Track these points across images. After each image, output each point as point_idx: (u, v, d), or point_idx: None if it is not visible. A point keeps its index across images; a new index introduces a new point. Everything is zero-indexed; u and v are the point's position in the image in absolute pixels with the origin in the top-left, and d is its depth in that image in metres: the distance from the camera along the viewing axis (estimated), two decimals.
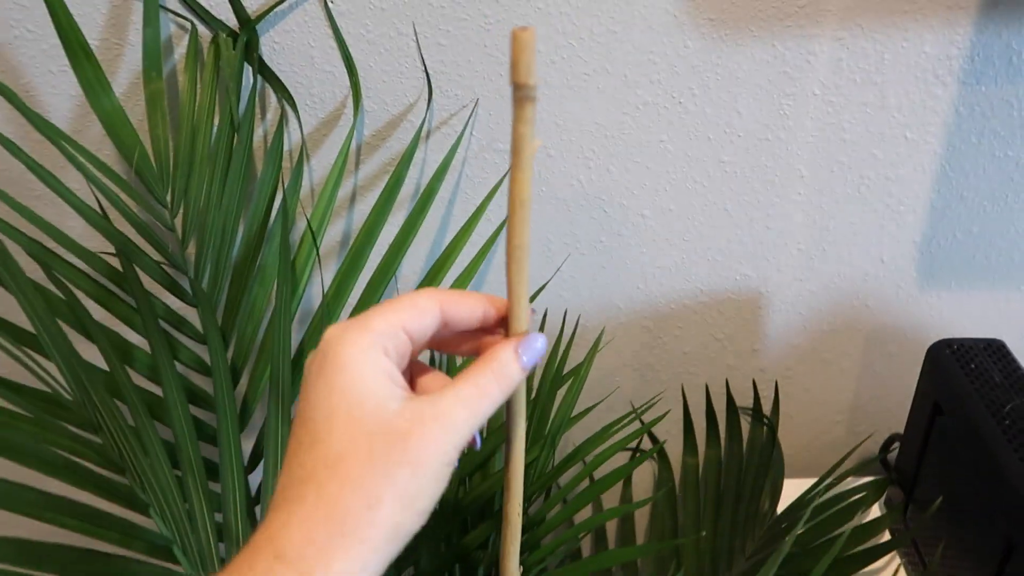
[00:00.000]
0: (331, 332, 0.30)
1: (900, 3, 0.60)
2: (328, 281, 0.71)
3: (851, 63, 0.63)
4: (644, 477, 0.86)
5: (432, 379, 0.33)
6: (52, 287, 0.57)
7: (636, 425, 0.77)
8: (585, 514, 0.84)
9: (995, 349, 0.61)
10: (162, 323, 0.60)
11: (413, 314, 0.31)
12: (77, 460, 0.51)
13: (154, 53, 0.61)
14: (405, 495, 0.27)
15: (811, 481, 0.72)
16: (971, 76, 0.63)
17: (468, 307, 0.32)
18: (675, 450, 0.84)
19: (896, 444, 0.74)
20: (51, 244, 0.58)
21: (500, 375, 0.31)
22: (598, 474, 0.75)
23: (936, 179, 0.67)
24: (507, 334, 0.34)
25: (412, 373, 0.33)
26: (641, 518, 0.85)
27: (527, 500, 0.62)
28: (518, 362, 0.31)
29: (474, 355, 0.34)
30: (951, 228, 0.70)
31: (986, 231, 0.70)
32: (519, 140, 0.31)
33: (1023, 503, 0.49)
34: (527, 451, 0.64)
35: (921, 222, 0.70)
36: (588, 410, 0.66)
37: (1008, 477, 0.51)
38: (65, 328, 0.54)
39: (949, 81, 0.63)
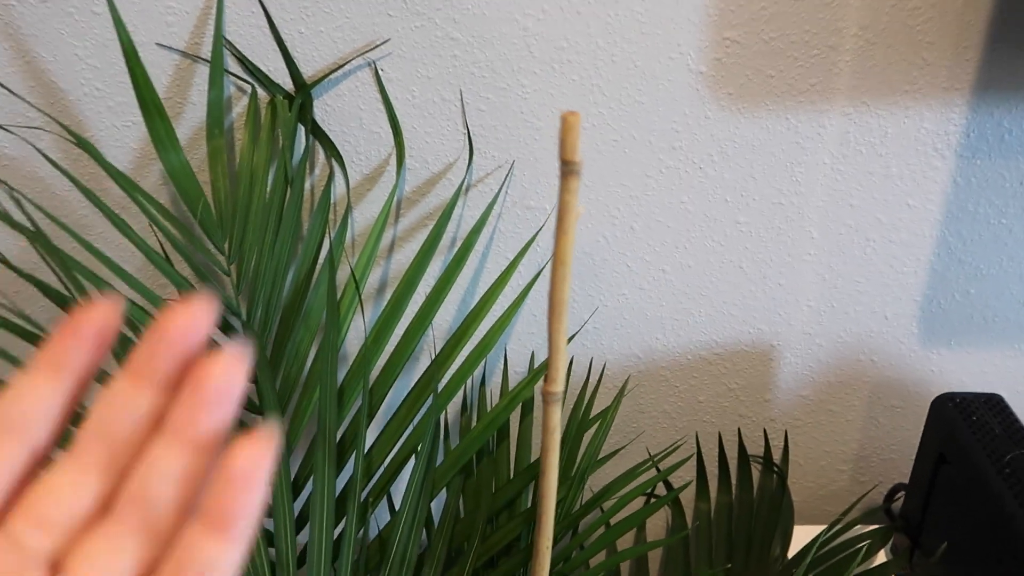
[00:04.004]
0: None
1: (901, 83, 0.66)
2: (368, 324, 0.75)
3: (857, 136, 0.68)
4: (658, 522, 0.89)
5: None
6: None
7: (653, 471, 0.81)
8: (601, 557, 0.87)
9: (994, 403, 0.65)
10: None
11: None
12: None
13: (217, 113, 0.66)
14: None
15: (820, 528, 0.75)
16: (967, 150, 0.69)
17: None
18: (688, 495, 0.87)
19: (900, 494, 0.78)
20: (114, 283, 0.61)
21: None
22: (615, 518, 0.78)
23: (936, 244, 0.73)
24: (547, 382, 0.39)
25: None
26: (654, 562, 0.88)
27: (555, 539, 0.65)
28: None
29: None
30: (950, 289, 0.75)
31: (983, 293, 0.75)
32: (564, 207, 0.36)
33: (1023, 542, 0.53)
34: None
35: (922, 283, 0.74)
36: (614, 453, 0.70)
37: (1012, 522, 0.55)
38: None
39: (947, 154, 0.69)
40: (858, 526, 0.75)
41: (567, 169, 0.35)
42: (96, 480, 0.20)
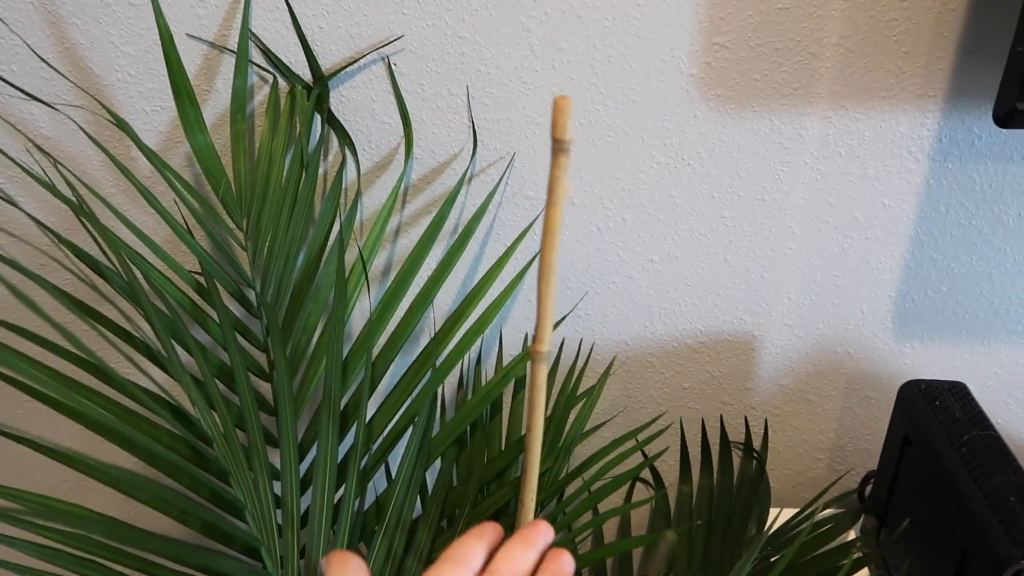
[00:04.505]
0: None
1: (879, 90, 0.71)
2: (374, 303, 0.80)
3: (837, 138, 0.73)
4: (643, 512, 0.93)
5: None
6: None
7: (637, 449, 0.85)
8: (586, 524, 0.91)
9: (958, 390, 0.69)
10: None
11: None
12: (184, 461, 0.58)
13: (241, 100, 0.71)
14: None
15: (795, 511, 0.79)
16: (939, 154, 0.73)
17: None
18: (672, 479, 0.91)
19: (873, 480, 0.82)
20: (144, 252, 0.66)
21: None
22: (596, 486, 0.82)
23: (910, 242, 0.77)
24: (534, 342, 0.43)
25: None
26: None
27: (541, 504, 0.70)
28: None
29: None
30: (923, 286, 0.79)
31: (954, 290, 0.79)
32: (554, 182, 0.41)
33: (974, 517, 0.57)
34: (543, 461, 0.72)
35: (897, 279, 0.79)
36: (598, 427, 0.74)
37: (963, 495, 0.59)
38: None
39: (921, 157, 0.73)
40: (829, 509, 0.79)
41: (557, 147, 0.40)
42: None
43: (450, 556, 0.32)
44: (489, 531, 0.34)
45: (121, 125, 0.64)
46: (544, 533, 0.35)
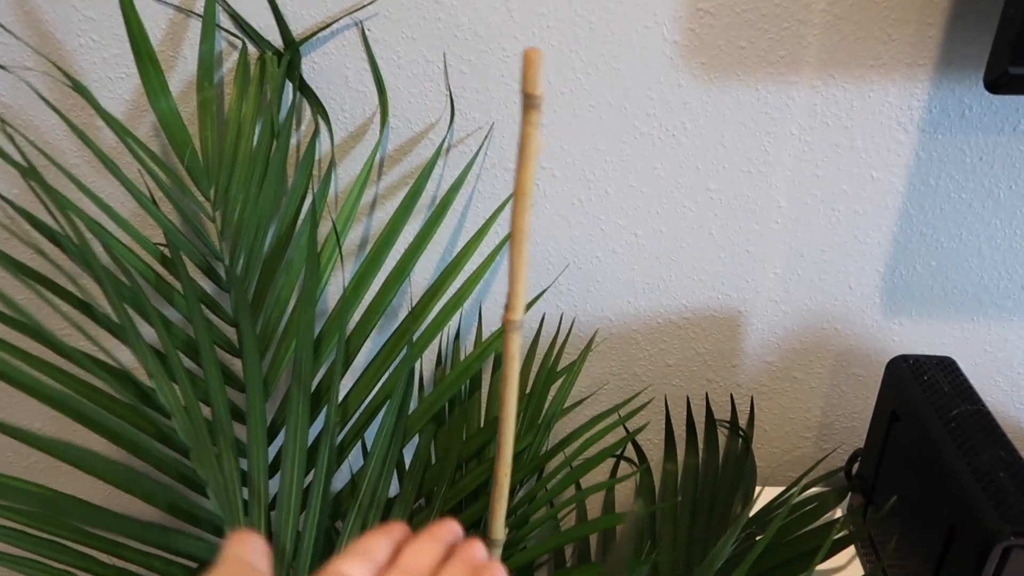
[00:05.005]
0: None
1: (867, 58, 0.69)
2: (348, 278, 0.78)
3: (824, 108, 0.71)
4: (628, 483, 0.92)
5: None
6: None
7: (622, 432, 0.83)
8: (569, 500, 0.89)
9: (946, 365, 0.68)
10: None
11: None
12: (147, 438, 0.56)
13: (208, 66, 0.69)
14: None
15: (781, 490, 0.78)
16: (929, 125, 0.71)
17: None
18: (657, 457, 0.90)
19: (860, 458, 0.80)
20: (108, 224, 0.64)
21: None
22: (578, 461, 0.81)
23: (899, 215, 0.75)
24: (506, 311, 0.41)
25: None
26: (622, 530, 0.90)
27: (520, 481, 0.68)
28: None
29: None
30: (912, 261, 0.77)
31: (943, 265, 0.77)
32: (526, 140, 0.38)
33: (963, 492, 0.56)
34: (522, 438, 0.70)
35: (885, 254, 0.77)
36: (578, 403, 0.73)
37: (951, 470, 0.57)
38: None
39: (910, 129, 0.71)
40: (815, 488, 0.78)
41: (528, 103, 0.38)
42: None
43: (355, 550, 0.33)
44: (396, 529, 0.35)
45: (79, 89, 0.61)
46: (451, 529, 0.36)
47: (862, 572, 0.73)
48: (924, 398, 0.64)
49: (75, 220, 0.59)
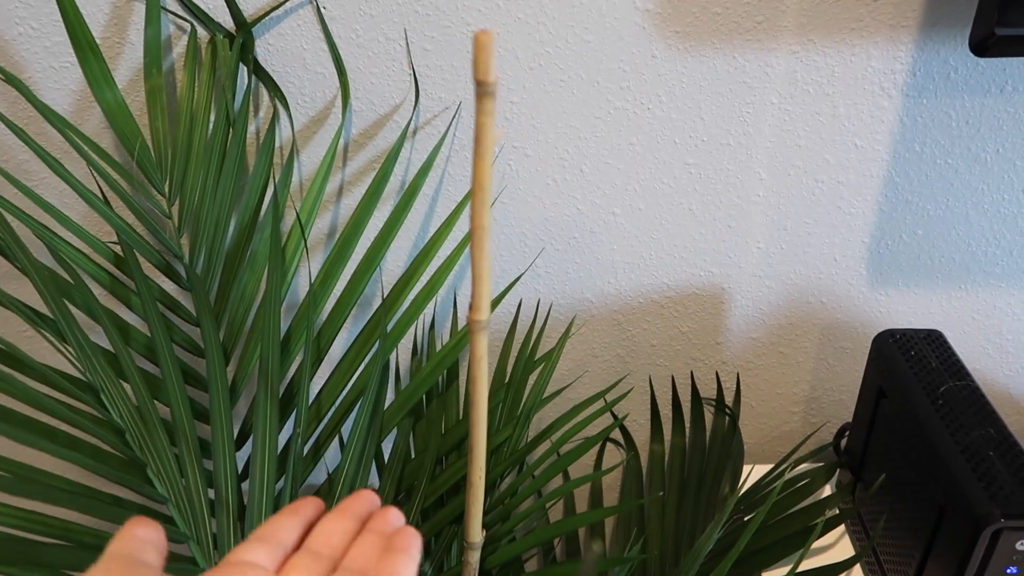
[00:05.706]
0: None
1: (848, 21, 0.66)
2: (315, 270, 0.75)
3: (804, 75, 0.68)
4: (615, 472, 0.90)
5: None
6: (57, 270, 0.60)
7: (608, 417, 0.82)
8: (555, 492, 0.88)
9: (934, 339, 0.66)
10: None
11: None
12: (92, 440, 0.54)
13: (155, 51, 0.65)
14: None
15: (769, 467, 0.77)
16: (913, 89, 0.69)
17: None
18: (643, 437, 0.88)
19: (849, 433, 0.79)
20: (56, 228, 0.61)
21: None
22: (564, 448, 0.79)
23: (883, 184, 0.73)
24: (471, 310, 0.39)
25: None
26: (610, 501, 0.89)
27: (500, 475, 0.66)
28: None
29: None
30: (898, 230, 0.75)
31: (929, 234, 0.75)
32: (480, 130, 0.36)
33: (952, 472, 0.54)
34: (500, 430, 0.68)
35: (870, 224, 0.75)
36: (559, 391, 0.71)
37: (939, 449, 0.56)
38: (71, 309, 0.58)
39: (894, 94, 0.69)
40: (804, 464, 0.76)
41: (481, 90, 0.35)
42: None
43: (259, 535, 0.30)
44: (307, 506, 0.33)
45: (12, 81, 0.57)
46: (366, 501, 0.34)
47: (851, 549, 0.72)
48: (911, 374, 0.63)
49: (8, 221, 0.55)
